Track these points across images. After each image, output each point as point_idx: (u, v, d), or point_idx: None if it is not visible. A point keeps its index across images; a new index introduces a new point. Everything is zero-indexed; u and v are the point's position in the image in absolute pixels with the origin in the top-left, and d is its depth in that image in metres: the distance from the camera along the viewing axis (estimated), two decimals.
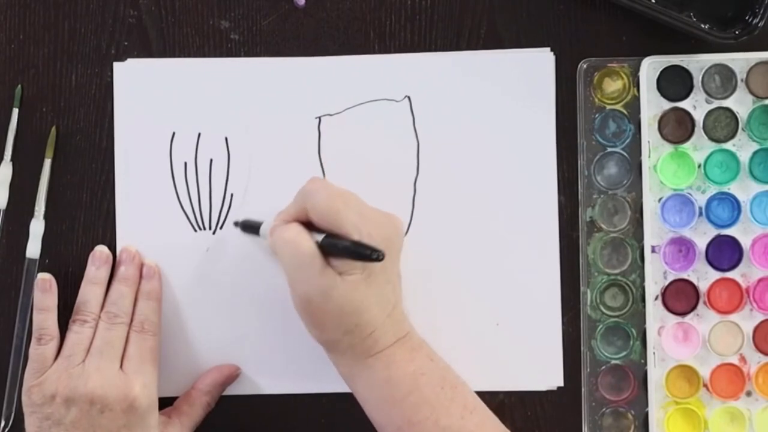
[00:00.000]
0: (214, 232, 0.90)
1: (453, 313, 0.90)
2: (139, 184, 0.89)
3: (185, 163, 0.90)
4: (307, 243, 0.78)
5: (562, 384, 0.90)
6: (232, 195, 0.90)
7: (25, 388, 0.83)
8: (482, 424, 0.81)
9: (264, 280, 0.89)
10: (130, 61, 0.89)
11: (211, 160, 0.90)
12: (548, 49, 0.90)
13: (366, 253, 0.77)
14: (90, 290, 0.87)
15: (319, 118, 0.90)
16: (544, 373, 0.90)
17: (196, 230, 0.90)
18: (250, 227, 0.87)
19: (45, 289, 0.87)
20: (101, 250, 0.88)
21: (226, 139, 0.90)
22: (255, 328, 0.89)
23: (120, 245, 0.89)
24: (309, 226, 0.80)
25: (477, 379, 0.87)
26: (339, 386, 0.86)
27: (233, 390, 0.90)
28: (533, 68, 0.90)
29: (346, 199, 0.80)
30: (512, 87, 0.90)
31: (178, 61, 0.90)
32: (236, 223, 0.89)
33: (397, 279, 0.83)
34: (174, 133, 0.90)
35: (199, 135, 0.90)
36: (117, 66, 0.89)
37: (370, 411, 0.82)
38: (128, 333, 0.85)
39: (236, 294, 0.89)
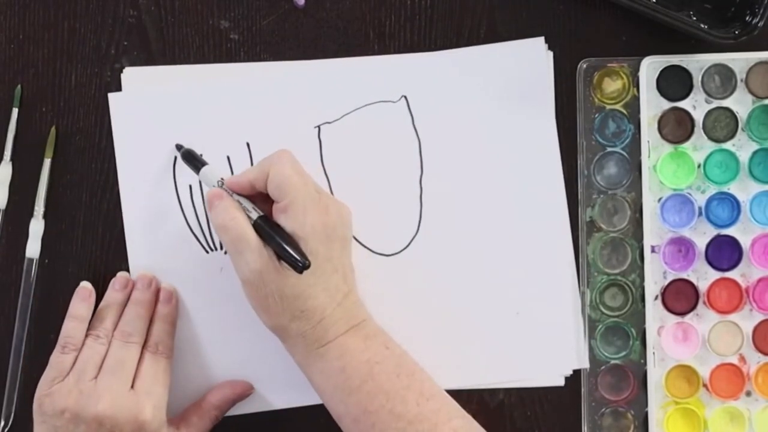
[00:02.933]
0: (226, 252, 0.89)
1: (468, 306, 0.90)
2: (146, 212, 0.89)
3: (190, 186, 0.89)
4: (243, 228, 0.80)
5: (571, 372, 0.90)
6: None
7: (37, 394, 0.83)
8: (438, 411, 0.81)
9: None
10: (125, 90, 0.89)
11: None
12: (542, 38, 0.90)
13: (291, 258, 0.79)
14: (107, 308, 0.87)
15: (318, 127, 0.90)
16: (555, 362, 0.90)
17: (208, 251, 0.90)
18: (192, 161, 0.87)
19: (84, 298, 0.87)
20: (123, 275, 0.88)
21: (228, 158, 0.89)
22: (271, 344, 0.88)
23: (133, 273, 0.89)
24: (256, 198, 0.82)
25: (487, 371, 0.89)
26: None
27: (247, 408, 0.89)
28: (526, 58, 0.90)
29: (306, 179, 0.82)
30: (506, 77, 0.90)
31: (175, 85, 0.89)
32: (178, 147, 0.88)
33: (347, 268, 0.83)
34: (176, 158, 0.89)
35: (201, 156, 0.89)
36: (112, 97, 0.89)
37: (326, 401, 0.83)
38: (142, 353, 0.85)
39: (252, 312, 0.88)
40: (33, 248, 0.89)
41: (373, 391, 0.80)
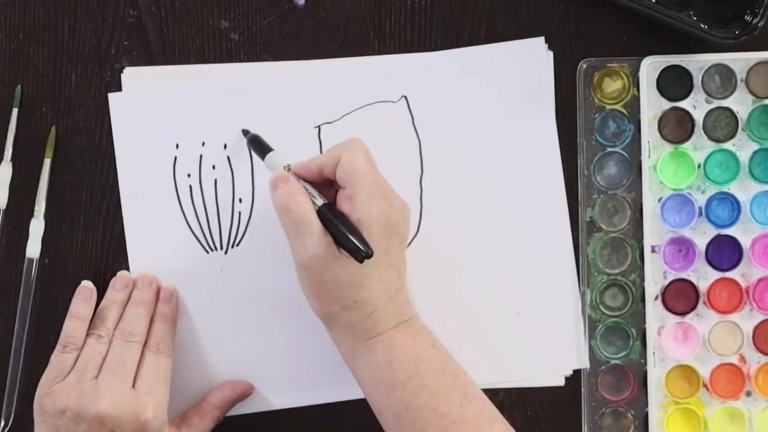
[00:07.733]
0: (226, 252, 0.89)
1: (468, 306, 0.90)
2: (146, 212, 0.89)
3: (190, 186, 0.89)
4: (306, 211, 0.79)
5: (572, 372, 0.90)
6: (239, 213, 0.90)
7: (38, 393, 0.83)
8: (481, 413, 0.81)
9: (280, 294, 0.89)
10: (125, 90, 0.89)
11: (216, 181, 0.89)
12: (542, 38, 0.90)
13: (354, 247, 0.77)
14: (108, 308, 0.87)
15: (319, 127, 0.90)
16: (555, 362, 0.90)
17: (208, 252, 0.90)
18: (258, 147, 0.87)
19: (85, 297, 0.87)
20: (123, 274, 0.89)
21: (229, 158, 0.89)
22: (271, 344, 0.89)
23: (133, 273, 0.89)
24: (321, 185, 0.81)
25: (487, 371, 0.89)
26: (353, 393, 0.86)
27: (247, 408, 0.90)
28: (526, 58, 0.90)
29: (375, 170, 0.81)
30: (506, 77, 0.90)
31: (175, 85, 0.89)
32: (245, 132, 0.88)
33: (402, 264, 0.83)
34: (176, 158, 0.89)
35: (201, 157, 0.89)
36: (112, 97, 0.89)
37: (368, 393, 0.82)
38: (143, 353, 0.85)
39: (253, 312, 0.89)
40: (33, 248, 0.89)
41: (418, 387, 0.80)
